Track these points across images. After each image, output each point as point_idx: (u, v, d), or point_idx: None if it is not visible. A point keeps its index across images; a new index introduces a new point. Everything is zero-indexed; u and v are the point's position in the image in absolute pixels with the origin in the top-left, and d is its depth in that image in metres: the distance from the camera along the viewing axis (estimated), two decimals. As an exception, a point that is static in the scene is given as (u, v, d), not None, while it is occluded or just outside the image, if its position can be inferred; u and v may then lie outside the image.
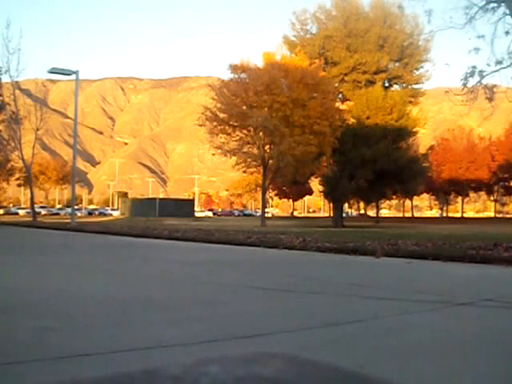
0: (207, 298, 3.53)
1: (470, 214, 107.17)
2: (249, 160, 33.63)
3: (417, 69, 42.07)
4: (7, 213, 67.32)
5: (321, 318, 2.83)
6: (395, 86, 42.81)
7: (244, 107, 32.09)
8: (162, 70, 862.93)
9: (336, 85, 38.48)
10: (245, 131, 33.17)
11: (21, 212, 71.32)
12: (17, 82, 31.89)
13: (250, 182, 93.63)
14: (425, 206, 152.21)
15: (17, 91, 31.60)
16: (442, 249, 7.53)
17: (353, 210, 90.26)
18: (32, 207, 33.63)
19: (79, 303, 3.21)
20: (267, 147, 32.81)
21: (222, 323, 2.65)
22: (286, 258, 7.51)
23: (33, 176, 39.34)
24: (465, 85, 15.79)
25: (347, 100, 40.60)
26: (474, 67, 15.58)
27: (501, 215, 78.17)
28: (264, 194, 35.49)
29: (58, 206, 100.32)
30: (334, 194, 35.36)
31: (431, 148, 57.86)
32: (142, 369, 0.59)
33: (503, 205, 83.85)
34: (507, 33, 14.90)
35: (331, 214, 45.75)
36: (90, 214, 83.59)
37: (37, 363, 1.84)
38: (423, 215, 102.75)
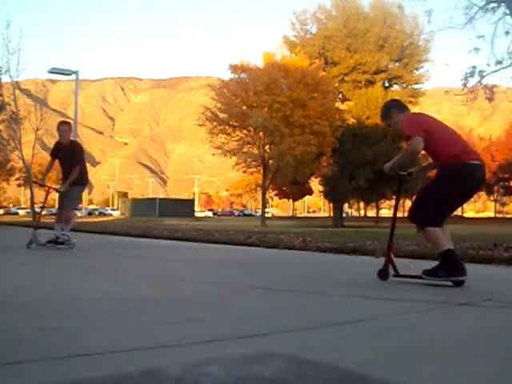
0: (207, 298, 3.53)
1: (470, 213, 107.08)
2: (249, 160, 33.67)
3: (417, 69, 42.13)
4: (7, 213, 67.34)
5: (321, 318, 2.83)
6: (395, 86, 42.87)
7: (244, 107, 32.11)
8: (162, 70, 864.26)
9: (336, 85, 38.53)
10: (245, 131, 33.19)
11: (21, 212, 71.36)
12: (17, 82, 31.84)
13: (250, 182, 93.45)
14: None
15: (17, 91, 31.54)
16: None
17: (353, 210, 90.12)
18: (32, 207, 33.60)
19: (79, 303, 3.21)
20: (267, 147, 32.83)
21: (222, 323, 2.65)
22: (286, 257, 7.51)
23: (33, 176, 39.23)
24: (465, 85, 15.83)
25: (347, 100, 40.64)
26: (474, 67, 15.62)
27: (501, 215, 78.18)
28: (264, 194, 35.52)
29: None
30: (334, 194, 35.41)
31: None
32: (142, 369, 0.58)
33: (503, 205, 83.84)
34: (507, 33, 14.95)
35: (331, 214, 45.77)
36: (90, 214, 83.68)
37: (37, 363, 1.84)
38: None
